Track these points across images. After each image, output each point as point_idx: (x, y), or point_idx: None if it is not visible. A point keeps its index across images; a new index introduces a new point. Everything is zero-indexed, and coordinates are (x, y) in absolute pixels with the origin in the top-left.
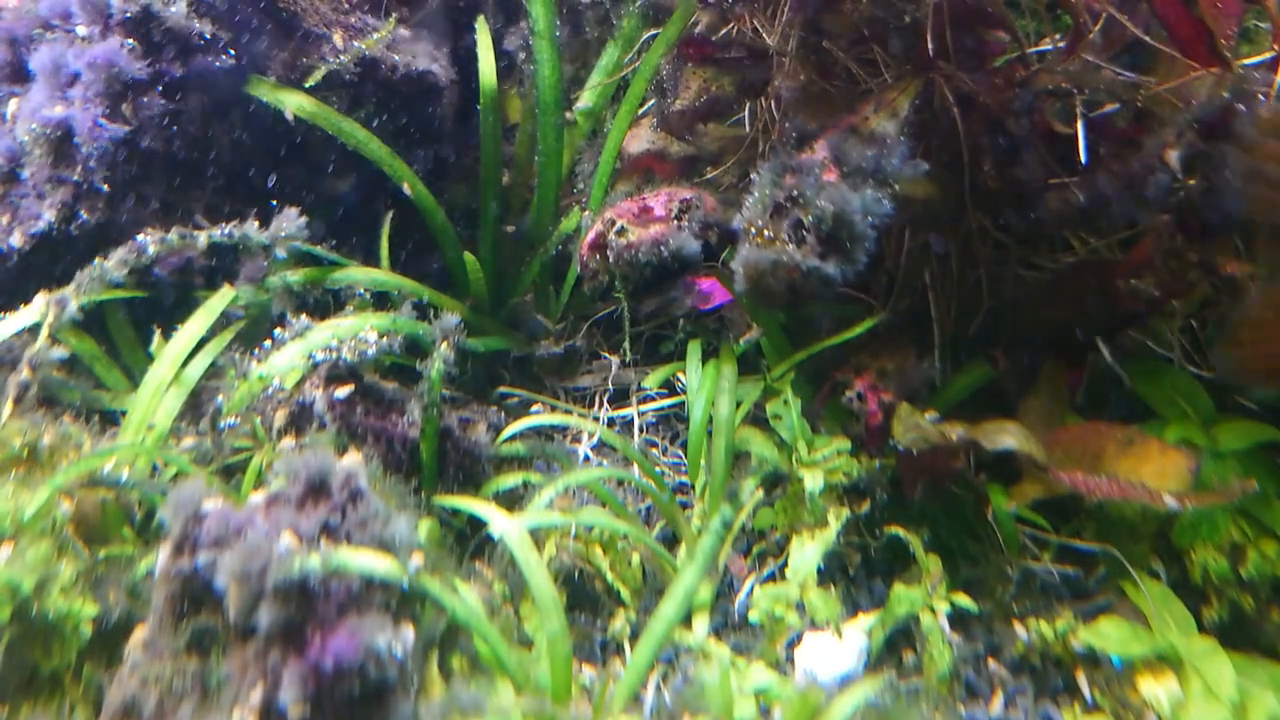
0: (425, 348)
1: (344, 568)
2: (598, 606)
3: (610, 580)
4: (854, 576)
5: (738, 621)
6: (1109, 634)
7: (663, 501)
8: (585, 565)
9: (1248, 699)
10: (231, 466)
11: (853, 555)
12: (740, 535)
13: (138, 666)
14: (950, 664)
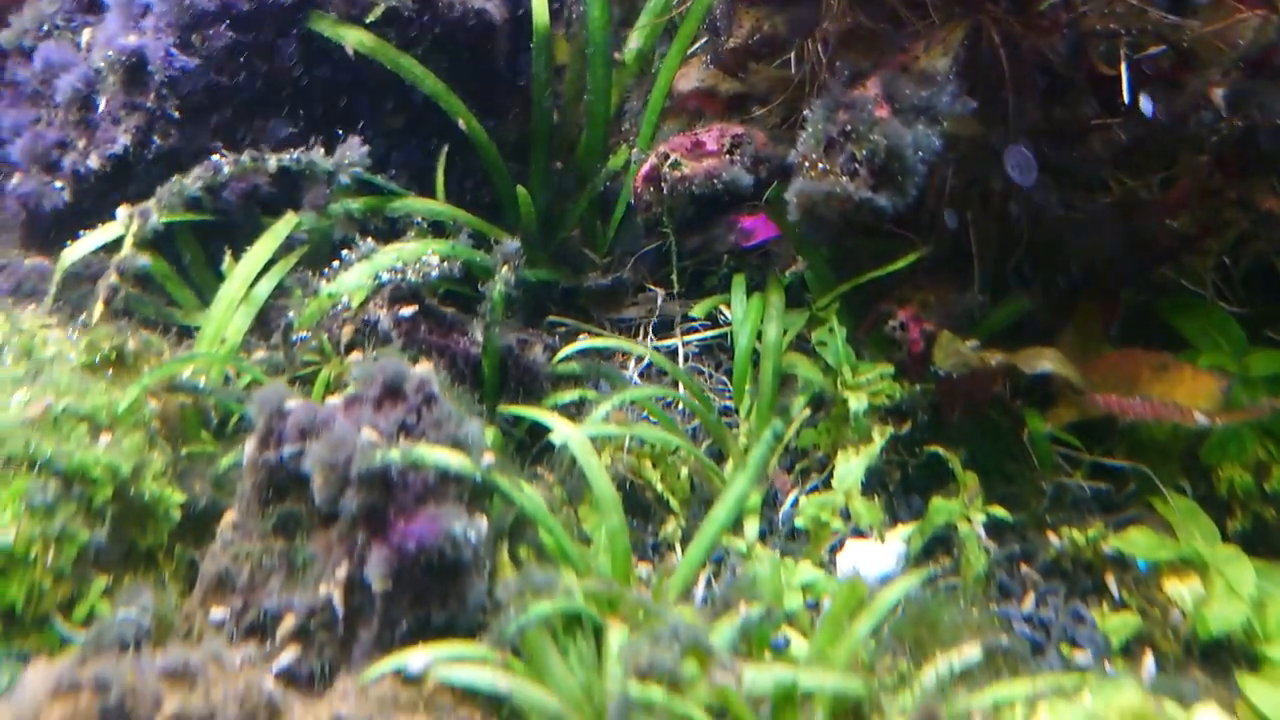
0: (480, 276)
1: (421, 461)
2: (649, 514)
3: (660, 491)
4: (894, 491)
5: (783, 530)
6: (1137, 541)
7: (710, 421)
8: (637, 478)
9: (1266, 597)
10: (300, 378)
11: (893, 472)
12: (784, 454)
13: (229, 544)
14: (985, 567)
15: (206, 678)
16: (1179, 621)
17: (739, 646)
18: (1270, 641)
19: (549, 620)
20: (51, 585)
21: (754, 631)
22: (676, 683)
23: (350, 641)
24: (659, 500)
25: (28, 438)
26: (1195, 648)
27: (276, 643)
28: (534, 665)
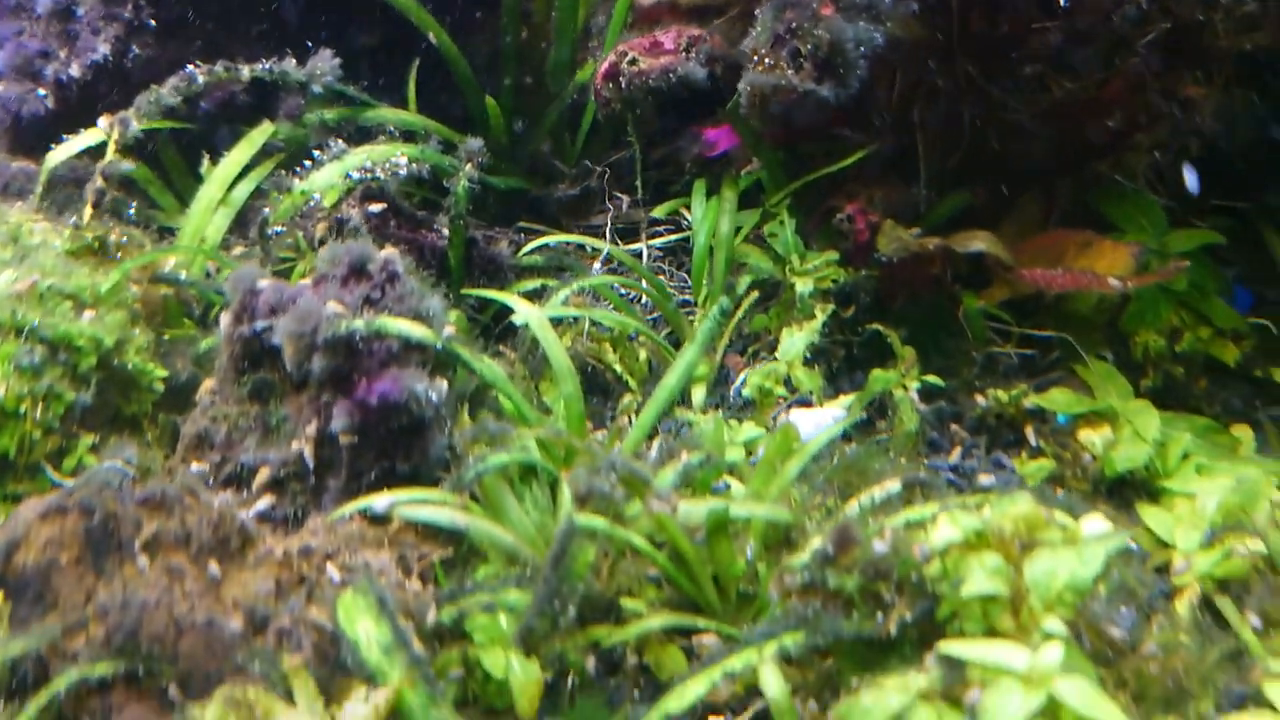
0: (449, 179)
1: (384, 329)
2: (608, 393)
3: (620, 371)
4: (838, 368)
5: (733, 403)
6: (1057, 398)
7: (668, 309)
8: (598, 361)
9: (1168, 440)
10: (277, 273)
11: (838, 351)
12: (738, 339)
13: (208, 408)
14: (917, 426)
15: (183, 506)
16: (1089, 463)
17: (681, 489)
18: (1169, 476)
19: (507, 470)
20: (41, 437)
21: (695, 475)
22: (618, 513)
23: (321, 490)
24: (619, 380)
25: (14, 308)
26: (1102, 486)
27: (253, 491)
28: (492, 508)
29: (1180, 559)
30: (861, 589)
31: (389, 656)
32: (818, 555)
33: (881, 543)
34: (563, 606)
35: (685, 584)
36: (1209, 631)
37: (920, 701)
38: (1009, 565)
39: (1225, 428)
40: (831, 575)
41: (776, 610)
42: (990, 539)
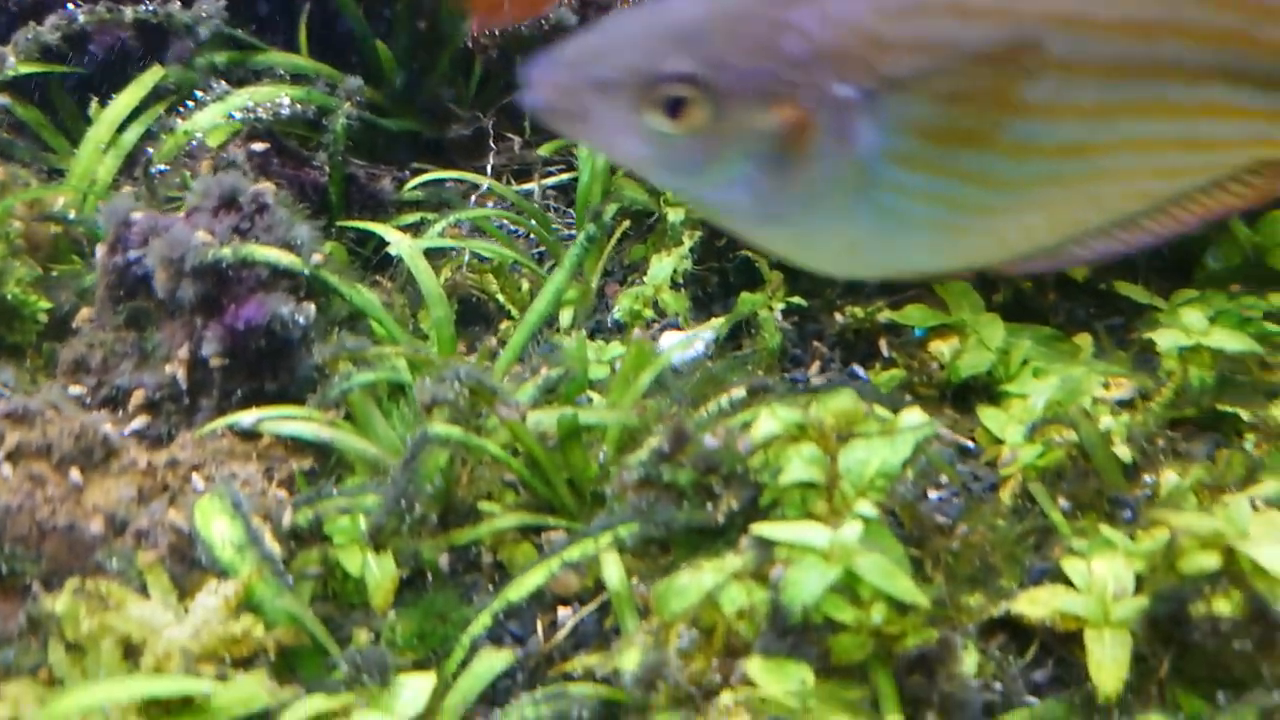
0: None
1: (251, 257)
2: (490, 322)
3: (501, 300)
4: (712, 293)
5: (610, 329)
6: (912, 313)
7: (549, 241)
8: (481, 293)
9: (1012, 347)
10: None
11: (711, 278)
12: (617, 270)
13: (84, 334)
14: (779, 343)
15: (44, 419)
16: (936, 371)
17: (541, 402)
18: (1010, 381)
19: (375, 389)
20: None
21: (558, 389)
22: (479, 425)
23: (194, 410)
24: (501, 310)
25: None
26: (948, 391)
27: (128, 412)
28: (360, 424)
29: (1008, 452)
30: (694, 482)
31: (241, 553)
32: (654, 452)
33: (713, 439)
34: (409, 506)
35: (540, 487)
36: (1025, 516)
37: (732, 580)
38: (825, 455)
39: (1068, 336)
40: (666, 470)
41: (615, 505)
42: (811, 431)
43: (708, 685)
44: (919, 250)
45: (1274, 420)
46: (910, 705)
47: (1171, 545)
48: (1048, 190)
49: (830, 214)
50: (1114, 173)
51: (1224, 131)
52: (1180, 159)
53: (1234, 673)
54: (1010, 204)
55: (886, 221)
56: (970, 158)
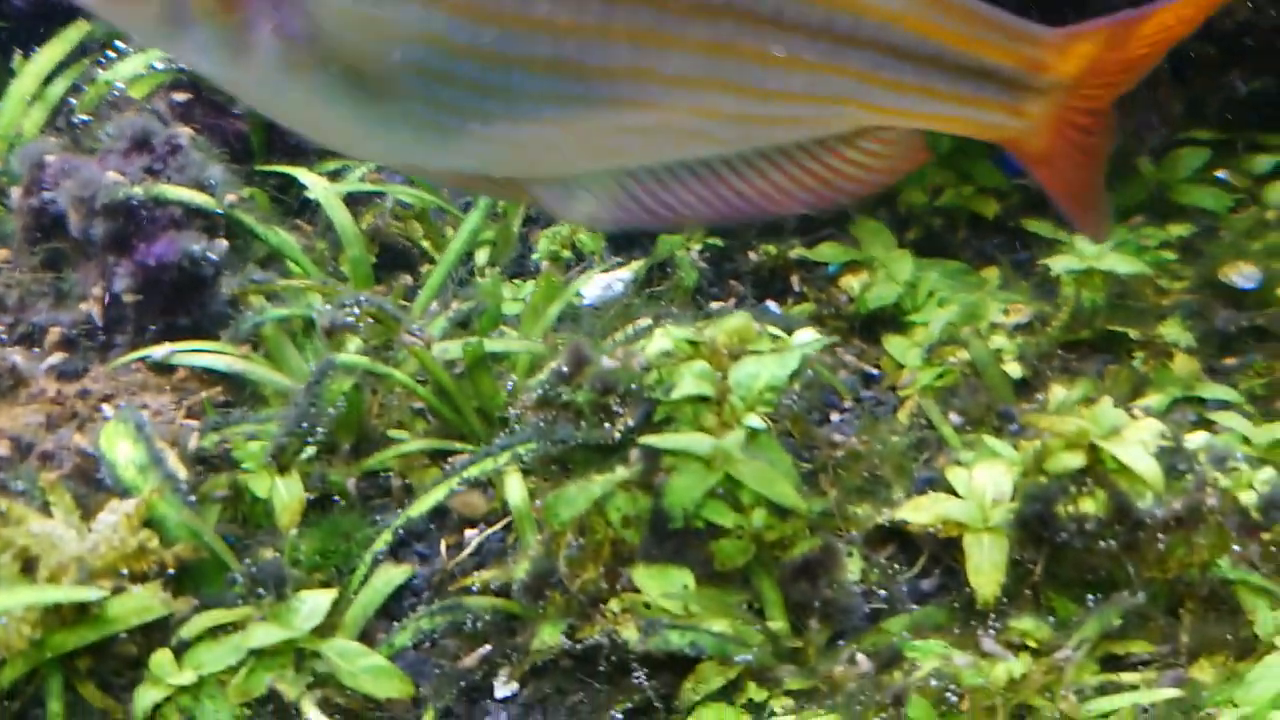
0: None
1: (163, 196)
2: (415, 268)
3: (425, 246)
4: (632, 237)
5: (533, 271)
6: (825, 250)
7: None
8: (406, 239)
9: (919, 280)
10: None
11: None
12: (542, 217)
13: (2, 275)
14: (695, 281)
15: None
16: (846, 304)
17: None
18: (915, 311)
19: (289, 324)
20: None
21: (468, 323)
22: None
23: (109, 346)
24: (424, 255)
25: None
26: (857, 323)
27: (45, 349)
28: (273, 357)
29: (907, 374)
30: (592, 402)
31: (143, 474)
32: (554, 374)
33: (611, 361)
34: (311, 428)
35: (449, 414)
36: (920, 432)
37: (619, 489)
38: (716, 371)
39: (976, 270)
40: (565, 391)
41: (516, 425)
42: (703, 349)
43: (596, 593)
44: (410, 145)
45: (1161, 339)
46: (795, 611)
47: (1040, 447)
48: (563, 108)
49: (293, 94)
50: (645, 105)
51: (795, 85)
52: (737, 105)
53: (1102, 574)
54: (504, 113)
55: (362, 110)
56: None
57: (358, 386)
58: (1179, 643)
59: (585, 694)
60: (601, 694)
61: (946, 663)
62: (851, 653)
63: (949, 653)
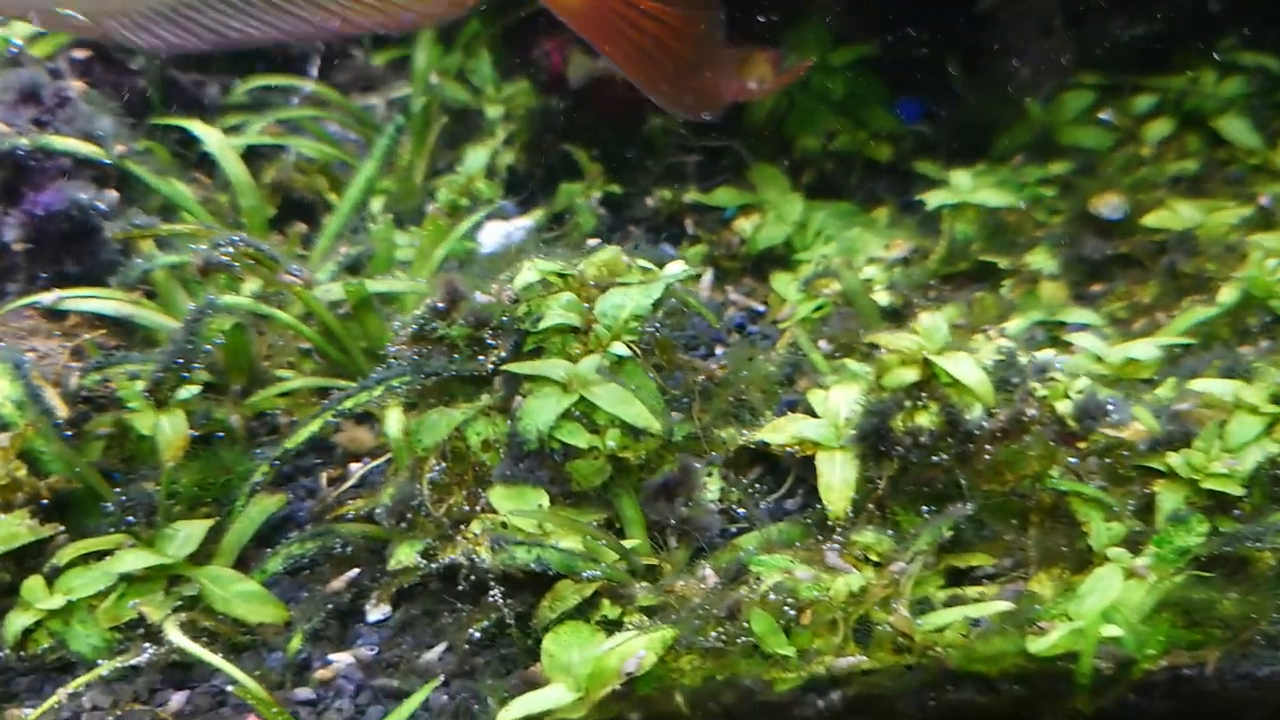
0: None
1: (49, 146)
2: (319, 219)
3: (331, 199)
4: (534, 189)
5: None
6: (720, 195)
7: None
8: (313, 193)
9: (808, 220)
10: None
11: (538, 172)
12: (445, 168)
13: None
14: (594, 226)
15: None
16: (738, 245)
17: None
18: (803, 250)
19: (182, 271)
20: None
21: (359, 267)
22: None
23: (1, 295)
24: (329, 207)
25: None
26: (748, 263)
27: None
28: (165, 302)
29: (788, 307)
30: (466, 336)
31: (20, 409)
32: (429, 308)
33: (484, 295)
34: (187, 364)
35: (336, 354)
36: (796, 360)
37: (481, 414)
38: (583, 302)
39: (867, 211)
40: (440, 325)
41: (392, 360)
42: (571, 282)
43: (459, 515)
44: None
45: (1028, 267)
46: (654, 530)
47: (878, 364)
48: None
49: None
50: None
51: None
52: None
53: (940, 487)
54: None
55: None
56: None
57: (240, 327)
58: (1023, 555)
59: (453, 616)
60: (464, 614)
61: (788, 577)
62: (701, 569)
63: (793, 567)
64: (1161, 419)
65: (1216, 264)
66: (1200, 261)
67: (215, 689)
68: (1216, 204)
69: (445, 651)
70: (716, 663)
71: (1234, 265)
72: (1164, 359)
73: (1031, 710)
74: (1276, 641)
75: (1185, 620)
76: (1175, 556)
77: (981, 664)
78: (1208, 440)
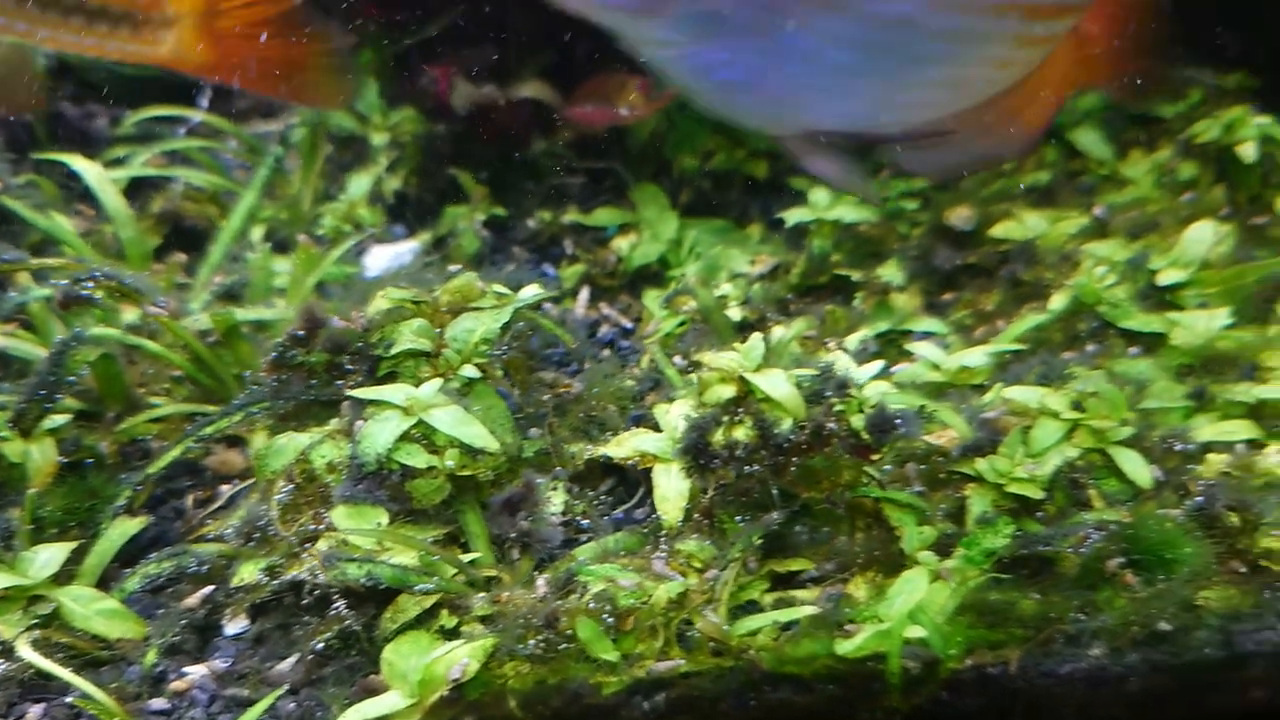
0: None
1: None
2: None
3: (222, 225)
4: (422, 213)
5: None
6: (600, 215)
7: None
8: (205, 222)
9: (683, 238)
10: None
11: (426, 197)
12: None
13: None
14: (477, 248)
15: None
16: (615, 263)
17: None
18: (678, 267)
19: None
20: None
21: (236, 294)
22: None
23: None
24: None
25: None
26: (625, 280)
27: None
28: (40, 333)
29: (652, 323)
30: (325, 362)
31: None
32: (289, 336)
33: (341, 321)
34: (50, 395)
35: (207, 381)
36: (656, 374)
37: (327, 438)
38: (435, 327)
39: (742, 227)
40: (300, 352)
41: (253, 386)
42: (424, 308)
43: (307, 534)
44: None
45: (879, 280)
46: (498, 542)
47: (699, 381)
48: None
49: None
50: None
51: None
52: None
53: (755, 496)
54: None
55: None
56: None
57: (109, 357)
58: (844, 560)
59: (304, 629)
60: (312, 627)
61: (611, 585)
62: (534, 579)
63: (618, 575)
64: (974, 425)
65: (1053, 272)
66: (1039, 270)
67: (70, 703)
68: (1062, 214)
69: (296, 662)
70: (548, 667)
71: (1069, 273)
72: (995, 365)
73: (849, 709)
74: (1077, 640)
75: (987, 620)
76: (983, 558)
77: (794, 666)
78: (1012, 446)
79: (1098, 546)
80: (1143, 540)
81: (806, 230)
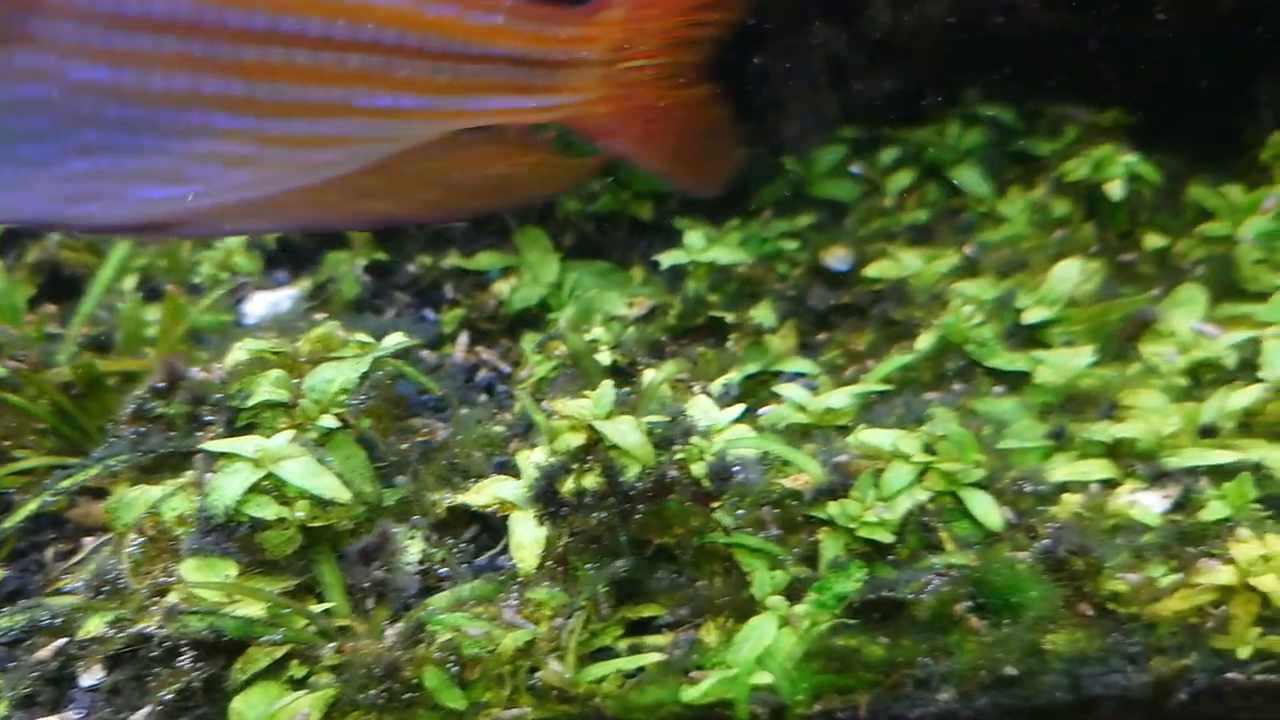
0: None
1: None
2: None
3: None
4: (301, 259)
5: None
6: (481, 259)
7: None
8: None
9: (565, 280)
10: None
11: (307, 241)
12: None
13: None
14: (358, 294)
15: None
16: (495, 307)
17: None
18: (558, 310)
19: None
20: None
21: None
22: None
23: None
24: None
25: None
26: (505, 323)
27: None
28: None
29: (527, 368)
30: (185, 414)
31: None
32: (149, 388)
33: (202, 372)
34: None
35: (70, 432)
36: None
37: (179, 491)
38: (294, 378)
39: (625, 269)
40: (159, 404)
41: (113, 439)
42: (283, 359)
43: (159, 587)
44: None
45: (752, 321)
46: (355, 592)
47: (550, 429)
48: None
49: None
50: None
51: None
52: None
53: (605, 543)
54: None
55: None
56: None
57: None
58: (698, 604)
59: (157, 680)
60: (162, 678)
61: (458, 634)
62: (383, 628)
63: (465, 624)
64: (828, 468)
65: (923, 311)
66: (910, 309)
67: None
68: (937, 252)
69: (148, 714)
70: (395, 717)
71: (938, 312)
72: (860, 406)
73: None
74: (926, 683)
75: (836, 666)
76: (835, 603)
77: (640, 713)
78: (863, 489)
79: (943, 591)
80: (989, 584)
81: (685, 272)
